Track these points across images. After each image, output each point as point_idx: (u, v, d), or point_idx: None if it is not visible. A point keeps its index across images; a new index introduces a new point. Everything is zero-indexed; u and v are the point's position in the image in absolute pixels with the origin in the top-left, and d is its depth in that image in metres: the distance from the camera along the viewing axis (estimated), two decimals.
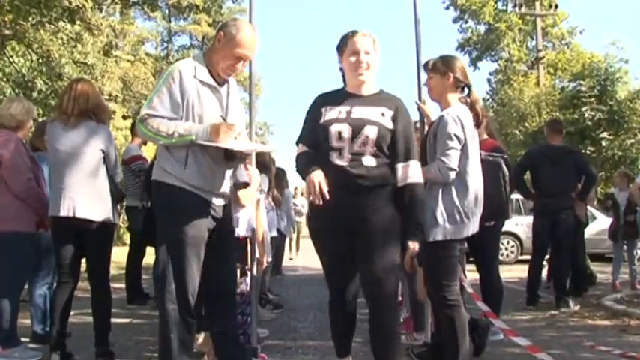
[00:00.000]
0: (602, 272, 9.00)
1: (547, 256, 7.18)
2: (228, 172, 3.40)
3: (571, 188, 6.60)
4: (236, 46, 3.20)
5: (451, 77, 3.64)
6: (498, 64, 30.72)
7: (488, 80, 30.98)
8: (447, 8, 30.95)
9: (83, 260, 4.25)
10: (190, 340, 3.26)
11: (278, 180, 7.60)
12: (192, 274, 3.17)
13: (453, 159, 3.42)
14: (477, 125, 3.61)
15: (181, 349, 3.13)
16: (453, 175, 3.43)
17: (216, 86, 3.27)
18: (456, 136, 3.43)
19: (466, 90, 3.72)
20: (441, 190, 3.47)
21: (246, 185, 3.80)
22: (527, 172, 6.87)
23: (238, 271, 4.01)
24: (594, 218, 11.78)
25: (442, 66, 3.70)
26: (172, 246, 3.15)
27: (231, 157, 3.31)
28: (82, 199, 4.00)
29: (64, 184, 4.02)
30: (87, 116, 4.08)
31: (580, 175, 6.64)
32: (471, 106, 3.63)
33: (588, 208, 8.21)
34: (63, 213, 3.98)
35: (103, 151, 4.12)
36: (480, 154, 3.80)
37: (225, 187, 3.37)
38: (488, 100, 27.85)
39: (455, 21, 31.44)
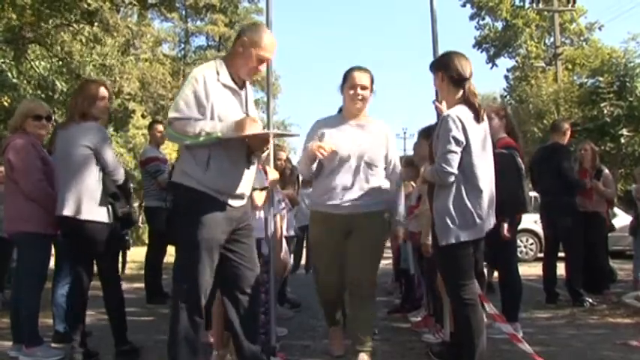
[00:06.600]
0: (622, 270, 8.90)
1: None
2: (249, 173, 3.45)
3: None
4: (258, 49, 3.34)
5: (443, 76, 3.56)
6: (516, 61, 30.51)
7: (506, 77, 30.86)
8: (464, 5, 30.85)
9: None
10: (197, 338, 3.36)
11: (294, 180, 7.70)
12: (204, 276, 3.28)
13: (451, 162, 3.33)
14: (478, 120, 3.45)
15: (187, 347, 3.28)
16: (451, 178, 3.34)
17: (237, 89, 3.41)
18: (454, 138, 3.34)
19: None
20: (450, 193, 3.38)
21: (264, 188, 3.85)
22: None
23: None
24: (615, 215, 11.63)
25: (435, 65, 3.67)
26: (186, 247, 3.30)
27: (252, 153, 3.41)
28: (69, 198, 4.06)
29: (59, 184, 4.15)
30: (73, 119, 4.18)
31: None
32: (467, 102, 3.48)
33: None
34: (58, 212, 4.09)
35: (91, 149, 4.09)
36: (493, 149, 3.71)
37: (245, 188, 3.44)
38: (506, 97, 27.68)
39: (472, 18, 31.30)
